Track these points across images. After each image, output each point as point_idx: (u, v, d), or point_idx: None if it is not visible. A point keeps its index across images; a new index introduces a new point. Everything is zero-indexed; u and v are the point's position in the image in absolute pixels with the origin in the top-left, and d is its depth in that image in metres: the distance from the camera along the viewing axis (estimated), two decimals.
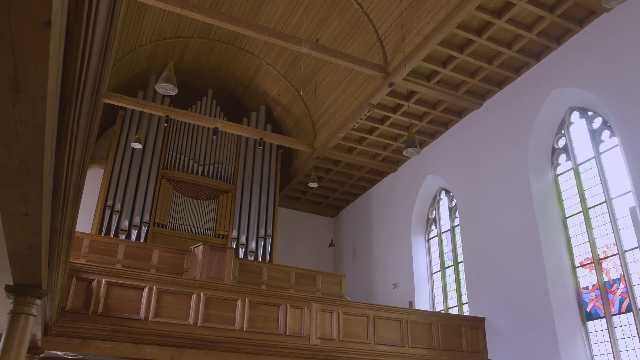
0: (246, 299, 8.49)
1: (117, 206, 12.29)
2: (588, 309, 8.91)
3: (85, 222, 13.28)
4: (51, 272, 4.38)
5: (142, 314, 7.67)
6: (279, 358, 8.39)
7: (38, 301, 4.20)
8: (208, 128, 14.49)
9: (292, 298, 8.94)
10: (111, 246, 10.14)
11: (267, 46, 13.96)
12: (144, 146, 13.47)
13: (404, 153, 8.31)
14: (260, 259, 13.53)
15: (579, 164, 9.56)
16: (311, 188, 16.16)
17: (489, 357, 10.08)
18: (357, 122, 12.24)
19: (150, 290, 7.85)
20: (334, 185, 16.09)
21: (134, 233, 12.26)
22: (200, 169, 14.03)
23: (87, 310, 7.37)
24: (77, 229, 11.80)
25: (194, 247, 10.48)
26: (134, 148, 13.25)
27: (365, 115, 11.95)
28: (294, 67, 14.05)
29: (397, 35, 10.75)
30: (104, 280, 7.60)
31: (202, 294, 8.17)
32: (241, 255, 13.36)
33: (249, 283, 11.24)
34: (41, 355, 6.96)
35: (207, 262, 10.04)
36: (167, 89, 6.61)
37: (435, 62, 10.77)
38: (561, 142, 10.05)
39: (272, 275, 11.83)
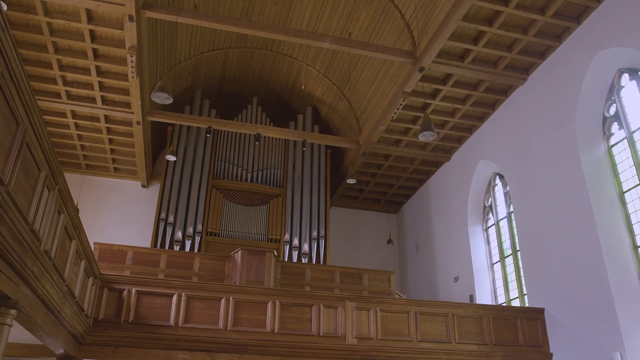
0: (277, 300, 8.42)
1: (170, 218, 12.76)
2: None
3: (149, 236, 13.96)
4: (26, 282, 4.57)
5: (172, 321, 7.86)
6: (313, 359, 8.24)
7: (12, 311, 4.37)
8: (254, 135, 14.68)
9: (325, 297, 8.75)
10: (154, 257, 10.54)
11: (303, 47, 13.91)
12: (193, 158, 13.90)
13: (420, 137, 7.85)
14: (314, 261, 13.43)
15: (633, 132, 8.53)
16: (367, 185, 15.87)
17: (550, 351, 9.26)
18: (395, 113, 11.80)
19: (179, 296, 8.03)
20: (389, 180, 15.67)
21: (187, 243, 12.65)
22: (249, 176, 14.22)
23: (118, 319, 7.67)
24: (135, 244, 12.47)
25: (234, 253, 10.61)
26: (183, 161, 13.74)
27: (401, 104, 11.49)
28: (332, 65, 13.89)
29: (422, 17, 10.25)
30: (134, 289, 7.87)
31: (231, 298, 8.22)
32: (295, 259, 13.34)
33: (292, 285, 11.17)
34: None
35: (246, 267, 10.11)
36: (162, 97, 6.74)
37: (466, 40, 10.14)
38: (612, 110, 9.03)
39: (315, 276, 11.66)
